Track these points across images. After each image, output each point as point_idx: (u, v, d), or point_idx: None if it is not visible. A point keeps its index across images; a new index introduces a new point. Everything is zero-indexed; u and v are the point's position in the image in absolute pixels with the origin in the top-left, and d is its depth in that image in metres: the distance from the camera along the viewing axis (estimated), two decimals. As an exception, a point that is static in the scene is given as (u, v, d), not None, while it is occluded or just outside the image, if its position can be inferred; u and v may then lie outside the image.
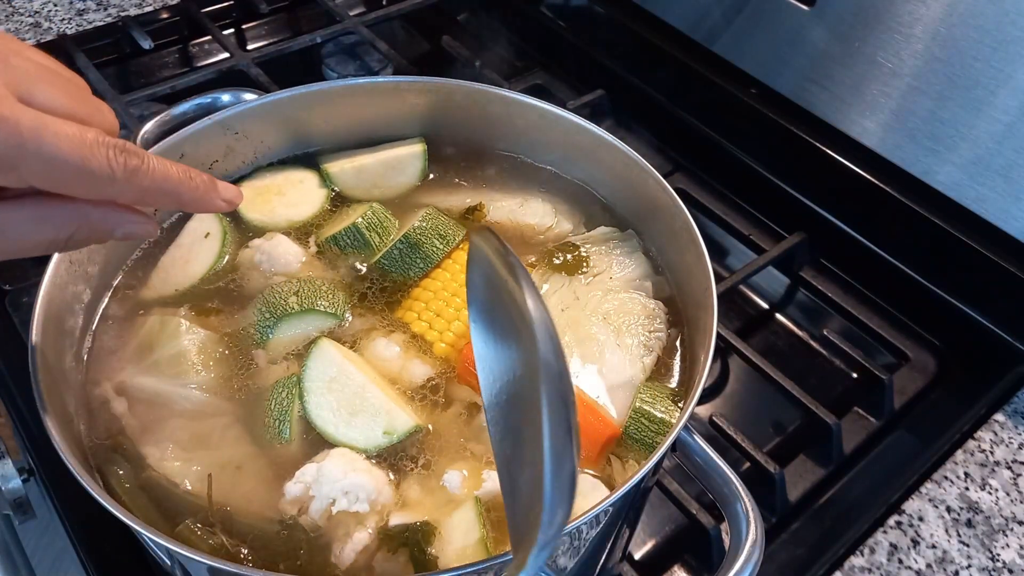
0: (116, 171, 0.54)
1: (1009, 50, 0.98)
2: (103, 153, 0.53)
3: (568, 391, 0.47)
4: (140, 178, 0.55)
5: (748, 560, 0.63)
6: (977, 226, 1.07)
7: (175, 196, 0.60)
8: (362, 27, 1.40)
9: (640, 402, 0.75)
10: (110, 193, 0.55)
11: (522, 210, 0.92)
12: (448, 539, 0.66)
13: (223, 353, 0.78)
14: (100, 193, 0.55)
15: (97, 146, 0.53)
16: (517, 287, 0.49)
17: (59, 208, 0.56)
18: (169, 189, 0.58)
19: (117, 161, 0.54)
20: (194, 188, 0.61)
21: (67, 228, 0.57)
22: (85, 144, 0.52)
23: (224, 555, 0.65)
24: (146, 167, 0.56)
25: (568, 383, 0.47)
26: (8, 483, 0.86)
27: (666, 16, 1.36)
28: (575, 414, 0.47)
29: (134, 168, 0.55)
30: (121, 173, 0.54)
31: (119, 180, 0.54)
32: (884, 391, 1.03)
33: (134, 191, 0.56)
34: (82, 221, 0.57)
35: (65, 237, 0.57)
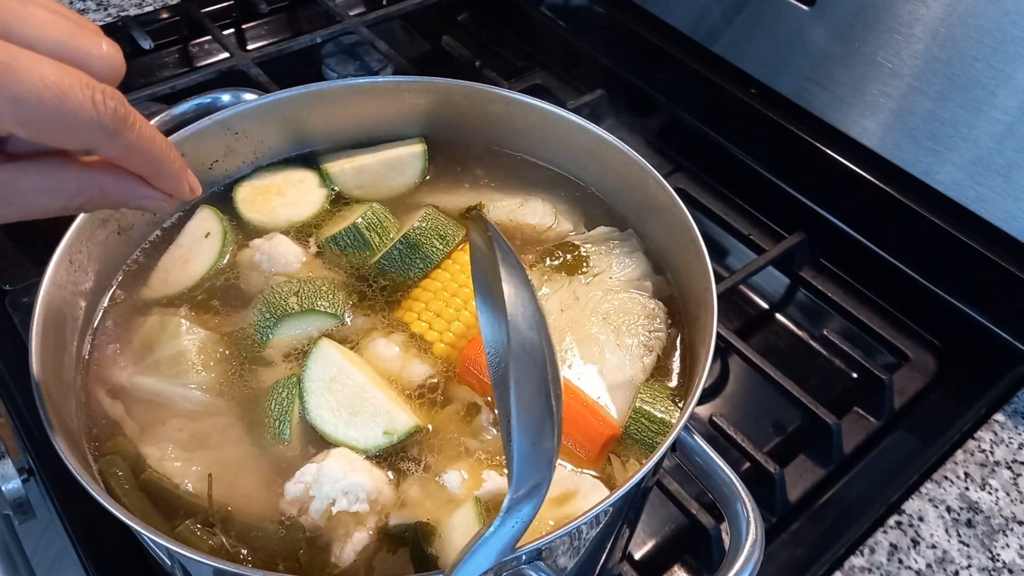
0: (102, 116, 0.49)
1: (1009, 50, 0.98)
2: (86, 95, 0.48)
3: (539, 363, 0.49)
4: (127, 131, 0.51)
5: (748, 560, 0.62)
6: (977, 226, 1.07)
7: (154, 165, 0.55)
8: (362, 27, 1.40)
9: (640, 402, 0.75)
10: (93, 142, 0.50)
11: (522, 210, 0.92)
12: (448, 539, 0.66)
13: (223, 353, 0.78)
14: (83, 141, 0.50)
15: (79, 87, 0.48)
16: (494, 265, 0.51)
17: (70, 174, 0.53)
18: (153, 154, 0.54)
19: (104, 106, 0.49)
20: (171, 163, 0.57)
21: (78, 197, 0.54)
22: (63, 83, 0.47)
23: (224, 555, 0.65)
24: (134, 120, 0.51)
25: (541, 356, 0.49)
26: (8, 483, 0.86)
27: (666, 16, 1.36)
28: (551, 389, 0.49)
29: (122, 117, 0.50)
30: (108, 120, 0.49)
31: (105, 127, 0.49)
32: (884, 391, 1.03)
33: (118, 146, 0.51)
34: (94, 191, 0.54)
35: (77, 204, 0.54)
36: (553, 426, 0.49)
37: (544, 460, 0.49)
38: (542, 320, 0.51)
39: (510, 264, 0.52)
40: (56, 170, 0.52)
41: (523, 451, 0.48)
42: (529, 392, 0.48)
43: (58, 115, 0.47)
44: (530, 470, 0.49)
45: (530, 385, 0.48)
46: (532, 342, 0.49)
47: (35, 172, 0.51)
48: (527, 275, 0.53)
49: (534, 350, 0.49)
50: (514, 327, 0.49)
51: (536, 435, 0.48)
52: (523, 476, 0.48)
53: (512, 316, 0.49)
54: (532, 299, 0.51)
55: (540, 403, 0.49)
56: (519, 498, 0.49)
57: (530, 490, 0.49)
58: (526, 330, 0.49)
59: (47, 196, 0.52)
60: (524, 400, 0.48)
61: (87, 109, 0.48)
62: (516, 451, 0.48)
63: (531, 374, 0.49)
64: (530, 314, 0.50)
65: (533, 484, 0.49)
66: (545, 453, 0.49)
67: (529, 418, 0.48)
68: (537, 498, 0.50)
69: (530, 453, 0.48)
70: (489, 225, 0.57)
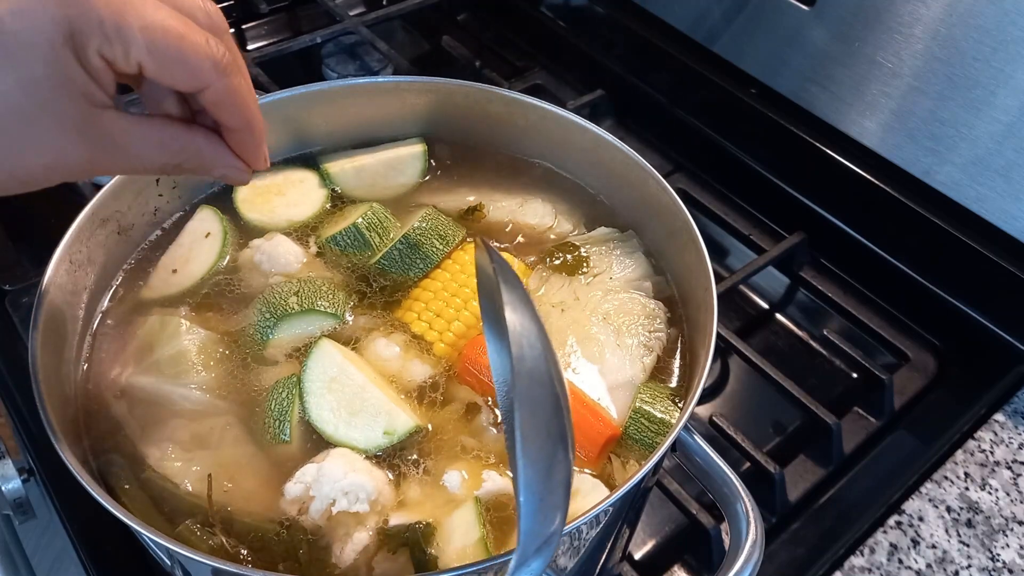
0: (214, 54, 0.55)
1: (1009, 50, 0.98)
2: (202, 36, 0.55)
3: (549, 395, 0.47)
4: (235, 72, 0.57)
5: (748, 560, 0.62)
6: (977, 226, 1.07)
7: (247, 117, 0.60)
8: (362, 27, 1.40)
9: (640, 402, 0.75)
10: (206, 79, 0.56)
11: (522, 210, 0.92)
12: (448, 539, 0.66)
13: (223, 353, 0.78)
14: (198, 78, 0.56)
15: (196, 29, 0.55)
16: (499, 294, 0.50)
17: (177, 130, 0.60)
18: (248, 105, 0.60)
19: (216, 47, 0.56)
20: (259, 121, 0.62)
21: (180, 154, 0.60)
22: (184, 22, 0.54)
23: (224, 555, 0.65)
24: (240, 65, 0.58)
25: (549, 388, 0.47)
26: (8, 483, 0.86)
27: (666, 16, 1.36)
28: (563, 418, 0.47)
29: (231, 59, 0.57)
30: (220, 58, 0.56)
31: (217, 64, 0.56)
32: (884, 391, 1.03)
33: (225, 87, 0.57)
34: (193, 150, 0.60)
35: (175, 163, 0.60)
36: (567, 476, 0.46)
37: (557, 513, 0.46)
38: (552, 357, 0.48)
39: (515, 295, 0.50)
40: (166, 125, 0.60)
41: (532, 508, 0.45)
42: (537, 442, 0.45)
43: (179, 48, 0.54)
44: (540, 527, 0.46)
45: (537, 434, 0.46)
46: (540, 384, 0.47)
47: (148, 125, 0.58)
48: (534, 307, 0.50)
49: (543, 393, 0.47)
50: (518, 373, 0.46)
51: (547, 489, 0.45)
52: (532, 533, 0.46)
53: (517, 359, 0.46)
54: (540, 335, 0.48)
55: (550, 452, 0.46)
56: (530, 554, 0.46)
57: (540, 546, 0.46)
58: (534, 371, 0.47)
59: (156, 149, 0.59)
60: (531, 451, 0.45)
61: (203, 47, 0.55)
62: (525, 508, 0.45)
63: (539, 422, 0.46)
64: (537, 354, 0.47)
65: (543, 540, 0.46)
66: (558, 507, 0.46)
67: (537, 470, 0.45)
68: (547, 552, 0.47)
69: (539, 508, 0.45)
70: (493, 252, 0.55)
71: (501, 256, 0.55)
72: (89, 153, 0.55)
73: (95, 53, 0.52)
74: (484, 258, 0.56)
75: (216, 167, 0.63)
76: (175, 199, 0.88)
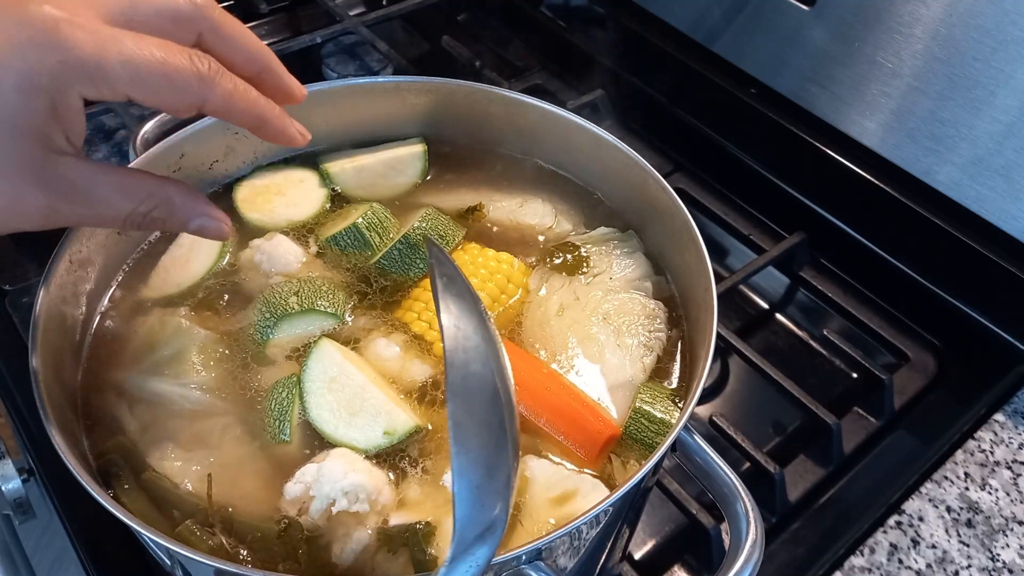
0: (200, 68, 0.55)
1: (1009, 50, 0.98)
2: (185, 55, 0.55)
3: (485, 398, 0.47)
4: (225, 80, 0.56)
5: (748, 560, 0.62)
6: (977, 226, 1.07)
7: (257, 111, 0.59)
8: (362, 27, 1.40)
9: (640, 402, 0.75)
10: (198, 95, 0.56)
11: (522, 210, 0.92)
12: (448, 539, 0.65)
13: (223, 353, 0.78)
14: (189, 95, 0.55)
15: (178, 50, 0.55)
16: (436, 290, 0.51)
17: (144, 178, 0.58)
18: (253, 100, 0.59)
19: (201, 62, 0.55)
20: (271, 108, 0.61)
21: (147, 202, 0.58)
22: (167, 45, 0.54)
23: (224, 555, 0.65)
24: (228, 73, 0.57)
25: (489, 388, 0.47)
26: (8, 483, 0.86)
27: (666, 16, 1.36)
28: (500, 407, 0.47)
29: (216, 69, 0.56)
30: (206, 70, 0.55)
31: (204, 77, 0.55)
32: (884, 391, 1.03)
33: (221, 96, 0.56)
34: (161, 198, 0.58)
35: (143, 211, 0.58)
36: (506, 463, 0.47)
37: (495, 501, 0.46)
38: (491, 350, 0.48)
39: (451, 292, 0.50)
40: (132, 173, 0.58)
41: (466, 494, 0.46)
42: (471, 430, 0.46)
43: (163, 73, 0.54)
44: (477, 513, 0.46)
45: (471, 422, 0.46)
46: (475, 375, 0.47)
47: (112, 172, 0.57)
48: (477, 302, 0.50)
49: (478, 383, 0.47)
50: (451, 363, 0.46)
51: (483, 475, 0.46)
52: (468, 520, 0.46)
53: (450, 351, 0.47)
54: (479, 327, 0.49)
55: (486, 439, 0.46)
56: (469, 543, 0.47)
57: (482, 533, 0.46)
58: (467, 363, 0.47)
59: (120, 196, 0.57)
60: (464, 439, 0.46)
61: (187, 64, 0.55)
62: (458, 494, 0.46)
63: (473, 410, 0.46)
64: (473, 345, 0.48)
65: (483, 527, 0.46)
66: (496, 493, 0.46)
67: (470, 457, 0.45)
68: (492, 540, 0.47)
69: (475, 495, 0.46)
70: (433, 248, 0.56)
71: (442, 251, 0.56)
72: (47, 199, 0.54)
73: (76, 96, 0.52)
74: (430, 256, 0.57)
75: (191, 219, 0.61)
76: (175, 199, 0.88)
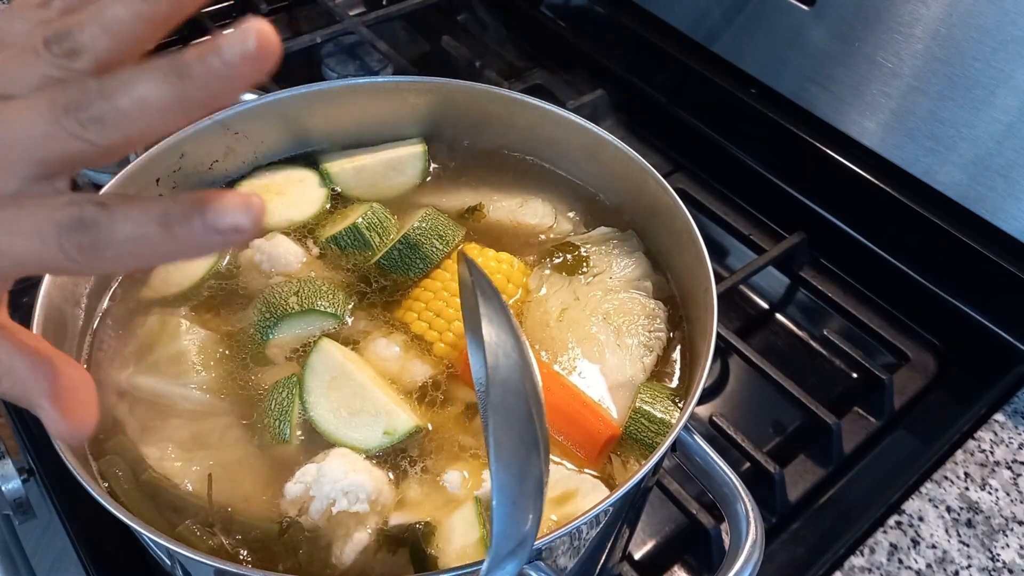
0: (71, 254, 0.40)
1: (1009, 50, 0.98)
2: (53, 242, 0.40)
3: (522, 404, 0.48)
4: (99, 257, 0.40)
5: (748, 560, 0.62)
6: (977, 226, 1.07)
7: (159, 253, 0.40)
8: (362, 27, 1.40)
9: (640, 402, 0.75)
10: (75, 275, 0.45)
11: (522, 210, 0.92)
12: (448, 539, 0.66)
13: (223, 353, 0.78)
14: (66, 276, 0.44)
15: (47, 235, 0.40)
16: (476, 307, 0.50)
17: None
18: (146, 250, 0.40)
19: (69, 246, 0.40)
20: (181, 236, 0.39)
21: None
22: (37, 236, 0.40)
23: (224, 555, 0.65)
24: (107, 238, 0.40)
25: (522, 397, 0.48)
26: (8, 483, 0.86)
27: (666, 16, 1.36)
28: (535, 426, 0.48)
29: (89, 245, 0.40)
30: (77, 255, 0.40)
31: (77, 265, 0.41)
32: (884, 391, 1.03)
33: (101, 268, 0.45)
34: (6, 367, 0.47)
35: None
36: (541, 483, 0.48)
37: (529, 517, 0.48)
38: (528, 367, 0.49)
39: (492, 306, 0.51)
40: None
41: (505, 511, 0.47)
42: (509, 448, 0.47)
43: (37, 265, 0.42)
44: (512, 529, 0.47)
45: (510, 440, 0.47)
46: (514, 393, 0.48)
47: None
48: (512, 318, 0.51)
49: (517, 401, 0.48)
50: (492, 381, 0.47)
51: (520, 494, 0.47)
52: (504, 536, 0.47)
53: (492, 368, 0.47)
54: (516, 344, 0.49)
55: (523, 459, 0.47)
56: (502, 557, 0.48)
57: (514, 548, 0.48)
58: (508, 380, 0.48)
59: None
60: (504, 457, 0.47)
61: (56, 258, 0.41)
62: (497, 511, 0.46)
63: (512, 430, 0.47)
64: (512, 363, 0.48)
65: (517, 542, 0.48)
66: (530, 510, 0.47)
67: (510, 475, 0.47)
68: (521, 555, 0.48)
69: (511, 512, 0.47)
70: (473, 266, 0.56)
71: (480, 269, 0.56)
72: None
73: None
74: (464, 271, 0.56)
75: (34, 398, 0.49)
76: (175, 199, 0.88)
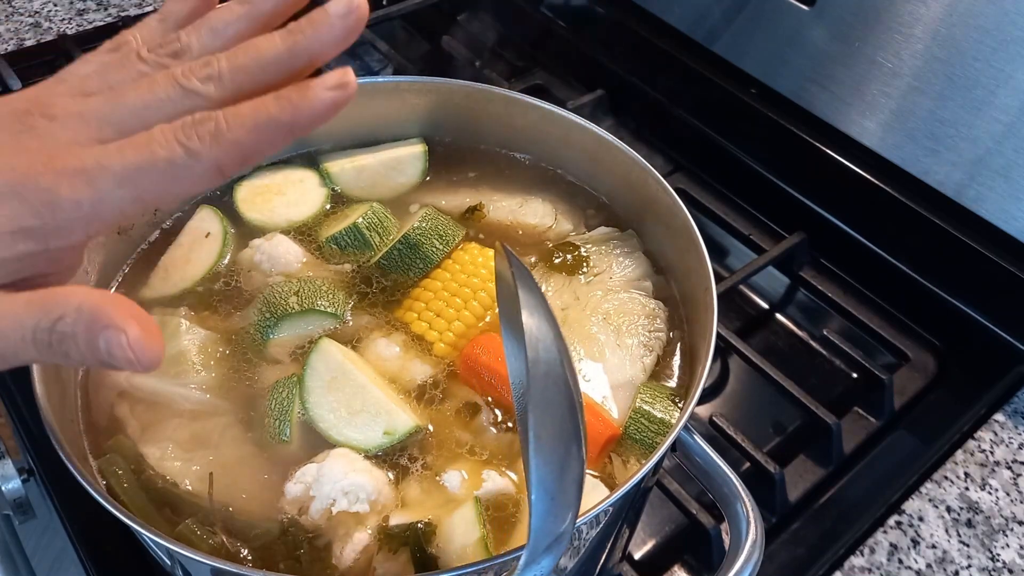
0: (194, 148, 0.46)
1: (1009, 50, 0.98)
2: (168, 139, 0.46)
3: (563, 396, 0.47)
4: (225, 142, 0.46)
5: (748, 560, 0.63)
6: (977, 226, 1.07)
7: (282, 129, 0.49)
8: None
9: (640, 402, 0.75)
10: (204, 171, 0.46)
11: (522, 210, 0.92)
12: (448, 539, 0.66)
13: (223, 353, 0.78)
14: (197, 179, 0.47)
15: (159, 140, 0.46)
16: (516, 298, 0.50)
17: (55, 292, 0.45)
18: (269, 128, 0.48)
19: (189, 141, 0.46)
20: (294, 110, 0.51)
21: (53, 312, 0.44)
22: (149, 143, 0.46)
23: (224, 555, 0.65)
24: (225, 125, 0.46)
25: (564, 389, 0.47)
26: (8, 483, 0.86)
27: (666, 16, 1.36)
28: (576, 418, 0.47)
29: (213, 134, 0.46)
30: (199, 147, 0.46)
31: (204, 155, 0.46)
32: (884, 391, 1.03)
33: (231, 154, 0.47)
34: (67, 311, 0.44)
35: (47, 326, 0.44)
36: (579, 476, 0.47)
37: (567, 512, 0.47)
38: (568, 362, 0.48)
39: (534, 298, 0.50)
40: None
41: (543, 507, 0.46)
42: (549, 441, 0.46)
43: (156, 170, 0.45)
44: (550, 525, 0.46)
45: (549, 433, 0.46)
46: (554, 388, 0.47)
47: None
48: (551, 313, 0.50)
49: (558, 397, 0.47)
50: (533, 376, 0.46)
51: (558, 488, 0.46)
52: (542, 532, 0.46)
53: (532, 363, 0.46)
54: (556, 339, 0.48)
55: (563, 452, 0.46)
56: (539, 552, 0.47)
57: (551, 544, 0.47)
58: (549, 375, 0.47)
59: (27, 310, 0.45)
60: (544, 451, 0.45)
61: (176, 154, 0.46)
62: (536, 507, 0.46)
63: (553, 422, 0.46)
64: (552, 358, 0.47)
65: (554, 538, 0.47)
66: (568, 505, 0.46)
67: (549, 470, 0.46)
68: (557, 550, 0.47)
69: (550, 508, 0.46)
70: (514, 258, 0.54)
71: (520, 260, 0.55)
72: None
73: None
74: (503, 263, 0.55)
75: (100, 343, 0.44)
76: (175, 199, 0.88)
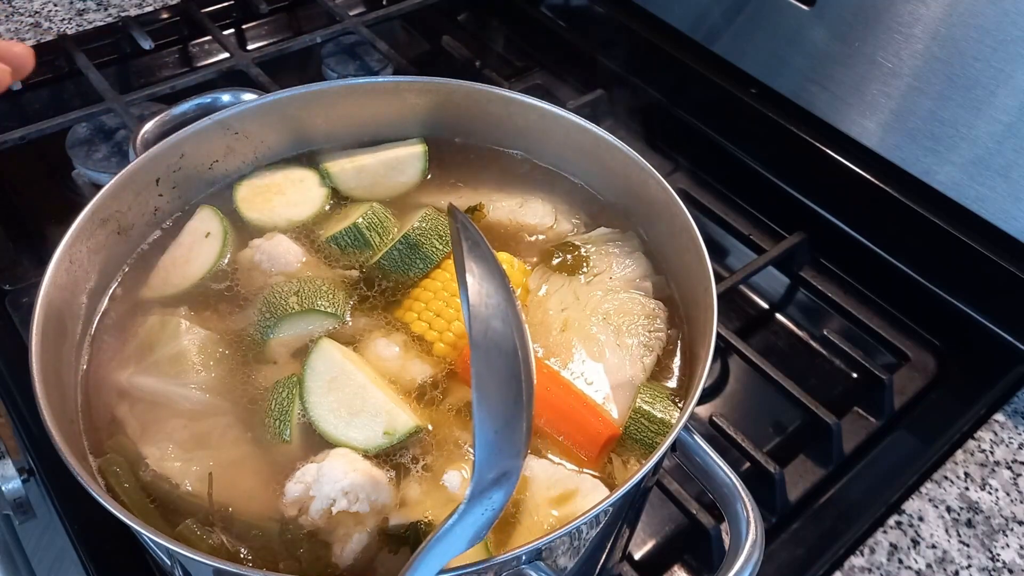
0: None
1: (1009, 50, 0.98)
2: None
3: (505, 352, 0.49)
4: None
5: (748, 560, 0.62)
6: (977, 226, 1.07)
7: None
8: (362, 27, 1.40)
9: (640, 402, 0.75)
10: None
11: (522, 210, 0.92)
12: (448, 539, 0.66)
13: (223, 353, 0.78)
14: None
15: None
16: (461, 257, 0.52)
17: None
18: None
19: None
20: None
21: None
22: None
23: (224, 555, 0.65)
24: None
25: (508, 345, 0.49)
26: (8, 483, 0.86)
27: (666, 16, 1.36)
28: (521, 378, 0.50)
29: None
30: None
31: None
32: (884, 391, 1.03)
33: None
34: None
35: None
36: (523, 415, 0.49)
37: (512, 448, 0.49)
38: (511, 309, 0.51)
39: (476, 254, 0.52)
40: None
41: (486, 439, 0.49)
42: (491, 382, 0.49)
43: None
44: (494, 458, 0.49)
45: (492, 374, 0.49)
46: (495, 331, 0.50)
47: None
48: (498, 265, 0.53)
49: (498, 339, 0.49)
50: (475, 317, 0.49)
51: (502, 423, 0.49)
52: (487, 464, 0.49)
53: (474, 306, 0.49)
54: (500, 288, 0.51)
55: (504, 391, 0.49)
56: (486, 485, 0.49)
57: (498, 477, 0.49)
58: (488, 319, 0.49)
59: None
60: (485, 389, 0.48)
61: None
62: (479, 439, 0.48)
63: (493, 363, 0.49)
64: (495, 303, 0.50)
65: (500, 472, 0.49)
66: (513, 442, 0.49)
67: (490, 406, 0.48)
68: (507, 486, 0.50)
69: (494, 440, 0.49)
70: (459, 215, 0.57)
71: (468, 219, 0.57)
72: None
73: None
74: (452, 222, 0.57)
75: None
76: (175, 199, 0.88)
